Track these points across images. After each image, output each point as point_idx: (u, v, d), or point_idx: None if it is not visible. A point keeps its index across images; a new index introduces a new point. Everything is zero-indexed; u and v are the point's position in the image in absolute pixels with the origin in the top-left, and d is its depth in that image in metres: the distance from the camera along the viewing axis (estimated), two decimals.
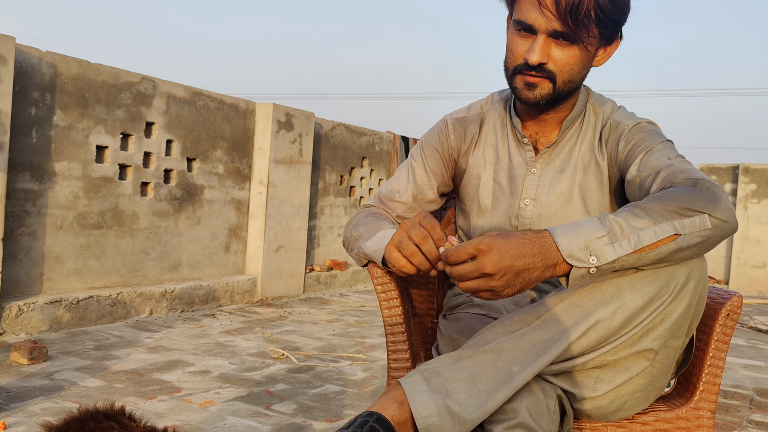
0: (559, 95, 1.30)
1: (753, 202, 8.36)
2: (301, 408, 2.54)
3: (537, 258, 0.98)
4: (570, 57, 1.26)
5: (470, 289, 0.99)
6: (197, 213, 4.59)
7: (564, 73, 1.27)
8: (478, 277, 0.98)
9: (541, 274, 0.99)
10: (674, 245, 1.00)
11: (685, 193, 1.05)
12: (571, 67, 1.27)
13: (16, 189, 3.45)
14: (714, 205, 1.03)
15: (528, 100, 1.30)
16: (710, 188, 1.07)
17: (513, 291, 1.00)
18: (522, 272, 0.98)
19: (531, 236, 1.00)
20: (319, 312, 4.78)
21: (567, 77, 1.28)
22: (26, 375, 2.70)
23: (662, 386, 1.17)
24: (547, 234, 1.00)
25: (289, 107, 5.16)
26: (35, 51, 3.51)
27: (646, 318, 1.03)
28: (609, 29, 1.26)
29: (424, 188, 1.47)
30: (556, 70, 1.27)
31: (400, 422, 0.99)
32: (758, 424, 2.75)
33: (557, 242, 0.99)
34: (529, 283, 1.00)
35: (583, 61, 1.28)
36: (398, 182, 1.49)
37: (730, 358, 4.11)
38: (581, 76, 1.31)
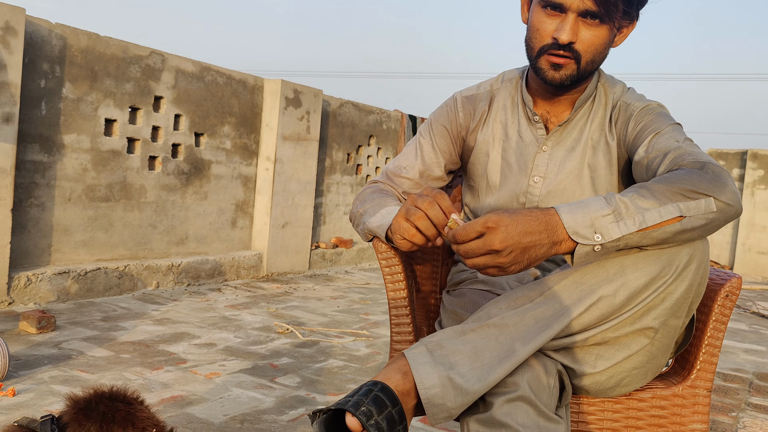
0: (582, 75, 1.31)
1: (760, 188, 8.34)
2: (304, 381, 2.58)
3: (543, 235, 1.00)
4: (596, 37, 1.27)
5: (478, 266, 1.01)
6: (204, 188, 4.61)
7: (588, 53, 1.28)
8: (485, 254, 1.00)
9: (548, 250, 1.01)
10: (678, 226, 1.01)
11: (691, 175, 1.06)
12: (596, 47, 1.28)
13: (26, 160, 3.47)
14: (720, 188, 1.05)
15: (554, 80, 1.31)
16: (717, 172, 1.08)
17: (520, 267, 1.01)
18: (529, 249, 0.99)
19: (537, 213, 1.01)
20: (323, 288, 4.82)
21: (591, 57, 1.29)
22: (35, 344, 2.75)
23: (661, 364, 1.19)
24: (553, 211, 1.02)
25: (297, 84, 5.16)
26: (45, 23, 3.52)
27: (648, 297, 1.04)
28: (633, 8, 1.27)
29: (432, 165, 1.48)
30: (582, 50, 1.27)
31: (404, 392, 1.01)
32: (756, 407, 2.78)
33: (563, 219, 1.00)
34: (536, 259, 1.01)
35: (608, 41, 1.29)
36: (406, 159, 1.50)
37: (731, 342, 4.13)
38: (603, 56, 1.32)
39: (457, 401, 1.00)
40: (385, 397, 0.99)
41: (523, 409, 0.99)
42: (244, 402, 2.29)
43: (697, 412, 1.24)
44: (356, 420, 0.96)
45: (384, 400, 0.98)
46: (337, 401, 1.00)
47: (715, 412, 2.65)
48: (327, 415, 1.00)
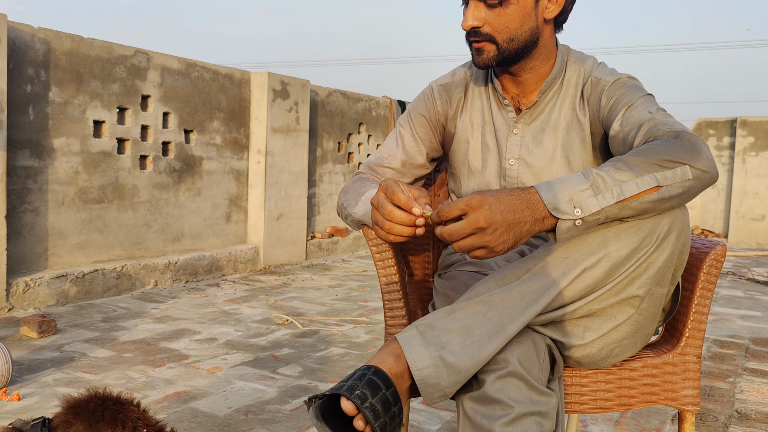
0: (508, 54, 1.33)
1: (751, 155, 8.37)
2: (306, 371, 2.61)
3: (526, 212, 1.02)
4: (501, 16, 1.28)
5: (464, 248, 1.02)
6: (197, 184, 4.62)
7: (501, 32, 1.30)
8: (471, 234, 1.01)
9: (531, 227, 1.03)
10: (656, 196, 1.04)
11: (666, 145, 1.08)
12: (506, 25, 1.29)
13: (17, 166, 3.48)
14: (695, 156, 1.07)
15: (478, 64, 1.35)
16: (691, 140, 1.10)
17: (506, 247, 1.03)
18: (513, 226, 1.01)
19: (518, 192, 1.03)
20: (321, 278, 4.84)
21: (506, 36, 1.31)
22: (37, 348, 2.77)
23: (649, 333, 1.22)
24: (533, 190, 1.04)
25: (284, 75, 5.16)
26: (27, 27, 3.51)
27: (631, 267, 1.07)
28: None
29: (413, 154, 1.50)
30: (492, 32, 1.30)
31: (397, 374, 1.04)
32: (753, 371, 2.82)
33: (542, 197, 1.02)
34: (521, 236, 1.03)
35: (521, 16, 1.30)
36: (387, 149, 1.52)
37: (727, 309, 4.17)
38: (524, 31, 1.32)
39: (450, 380, 1.03)
40: (379, 380, 1.01)
41: (514, 385, 1.02)
42: (247, 394, 2.32)
43: (688, 378, 1.26)
44: (351, 404, 0.98)
45: (378, 383, 1.00)
46: (331, 387, 1.02)
47: (712, 378, 2.69)
48: (323, 401, 1.02)
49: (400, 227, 1.12)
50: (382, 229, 1.14)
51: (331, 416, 1.02)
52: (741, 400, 2.44)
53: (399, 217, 1.12)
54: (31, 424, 1.16)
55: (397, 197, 1.12)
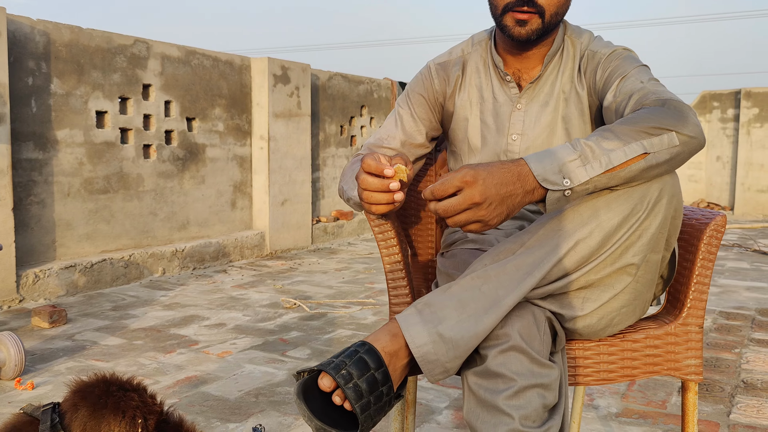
0: (547, 29, 1.33)
1: (756, 126, 8.33)
2: (315, 353, 2.64)
3: (517, 185, 1.03)
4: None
5: (460, 223, 1.03)
6: (201, 172, 4.64)
7: (552, 5, 1.31)
8: (466, 209, 1.02)
9: (522, 199, 1.04)
10: (644, 163, 1.05)
11: (653, 113, 1.09)
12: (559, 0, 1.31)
13: (21, 159, 3.50)
14: (681, 122, 1.08)
15: (520, 36, 1.33)
16: (678, 107, 1.11)
17: (500, 219, 1.04)
18: (506, 199, 1.03)
19: (509, 165, 1.04)
20: (328, 261, 4.87)
21: (554, 10, 1.31)
22: (49, 338, 2.80)
23: (648, 300, 1.23)
24: (523, 162, 1.05)
25: (284, 60, 5.15)
26: (26, 20, 3.52)
27: (624, 235, 1.08)
28: None
29: (413, 133, 1.50)
30: (545, 4, 1.30)
31: (391, 353, 1.05)
32: (759, 342, 2.84)
33: (531, 168, 1.03)
34: (513, 208, 1.04)
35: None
36: (386, 130, 1.52)
37: (733, 281, 4.18)
38: (566, 8, 1.34)
39: (450, 355, 1.04)
40: (370, 359, 1.02)
41: (516, 358, 1.03)
42: (257, 377, 2.35)
43: (690, 348, 1.28)
44: (329, 379, 1.00)
45: (367, 363, 1.01)
46: (321, 362, 1.03)
47: (718, 349, 2.71)
48: (311, 376, 1.04)
49: (377, 195, 1.13)
50: (365, 201, 1.15)
51: (316, 390, 1.03)
52: (747, 371, 2.45)
53: (372, 183, 1.12)
54: (42, 410, 1.19)
55: (367, 164, 1.12)
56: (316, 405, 1.02)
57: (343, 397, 1.00)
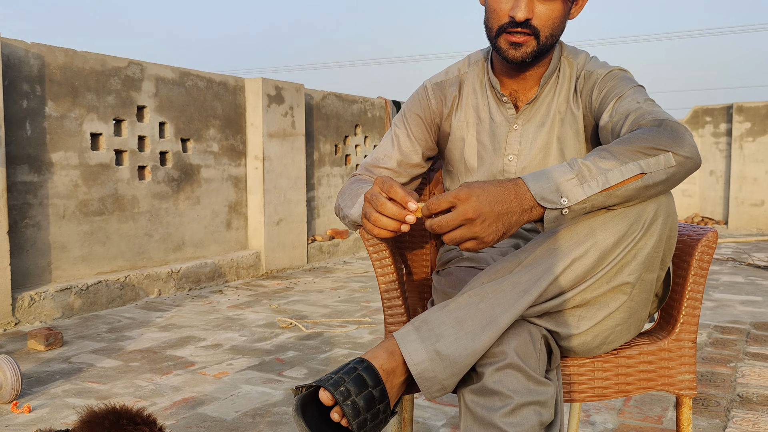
0: (542, 51, 1.34)
1: (748, 141, 8.39)
2: (311, 372, 2.63)
3: (514, 203, 1.04)
4: (552, 11, 1.29)
5: (455, 240, 1.04)
6: (196, 192, 4.65)
7: (547, 27, 1.31)
8: (460, 225, 1.02)
9: (519, 217, 1.05)
10: (641, 183, 1.06)
11: (650, 133, 1.11)
12: (553, 21, 1.30)
13: (16, 182, 3.51)
14: (678, 143, 1.09)
15: (515, 59, 1.33)
16: (674, 128, 1.13)
17: (496, 237, 1.04)
18: (502, 216, 1.03)
19: (505, 183, 1.05)
20: (323, 280, 4.87)
21: (549, 32, 1.32)
22: (45, 360, 2.79)
23: (642, 318, 1.24)
24: (520, 180, 1.06)
25: (278, 80, 5.18)
26: (21, 43, 3.54)
27: (619, 254, 1.09)
28: None
29: (409, 153, 1.51)
30: (539, 26, 1.30)
31: (389, 370, 1.06)
32: (754, 356, 2.84)
33: (529, 187, 1.04)
34: (510, 226, 1.05)
35: (564, 14, 1.32)
36: (383, 150, 1.53)
37: (728, 295, 4.19)
38: (561, 30, 1.35)
39: (447, 372, 1.05)
40: (368, 377, 1.03)
41: (512, 376, 1.04)
42: (254, 397, 2.34)
43: (684, 363, 1.29)
44: (328, 394, 1.00)
45: (365, 380, 1.02)
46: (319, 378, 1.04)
47: (713, 364, 2.72)
48: (309, 391, 1.04)
49: (387, 221, 1.11)
50: (369, 222, 1.13)
51: (314, 406, 1.04)
52: (743, 384, 2.46)
53: (391, 209, 1.10)
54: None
55: (395, 190, 1.10)
56: (313, 421, 1.03)
57: (341, 414, 1.01)
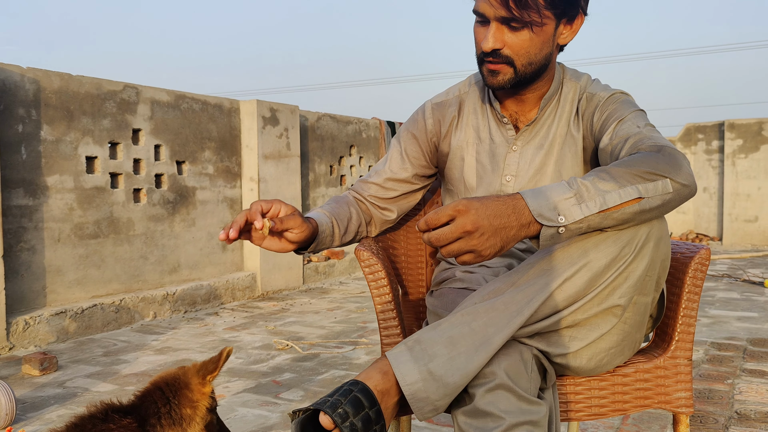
0: (523, 78, 1.35)
1: (741, 158, 8.44)
2: (308, 394, 2.62)
3: (512, 217, 1.04)
4: (524, 41, 1.30)
5: (452, 252, 1.04)
6: (191, 214, 4.65)
7: (521, 56, 1.32)
8: (458, 238, 1.03)
9: (517, 233, 1.05)
10: (637, 207, 1.07)
11: (648, 158, 1.12)
12: (527, 50, 1.31)
13: (11, 206, 3.50)
14: (675, 170, 1.10)
15: (493, 85, 1.36)
16: (673, 154, 1.14)
17: (494, 251, 1.04)
18: (499, 230, 1.03)
19: (505, 198, 1.06)
20: (319, 301, 4.86)
21: (525, 60, 1.33)
22: (39, 385, 2.78)
23: (637, 341, 1.24)
24: (519, 196, 1.06)
25: (272, 102, 5.21)
26: (17, 68, 3.55)
27: (611, 276, 1.09)
28: (562, 8, 1.30)
29: (397, 170, 1.55)
30: (512, 55, 1.31)
31: (383, 391, 1.06)
32: (751, 372, 2.84)
33: (528, 203, 1.05)
34: (507, 241, 1.05)
35: (541, 41, 1.32)
36: (377, 166, 1.59)
37: (724, 312, 4.20)
38: (542, 56, 1.35)
39: (440, 392, 1.05)
40: (364, 398, 1.03)
41: (503, 397, 1.04)
42: (250, 420, 2.33)
43: (680, 381, 1.29)
44: (328, 418, 1.01)
45: (362, 401, 1.03)
46: (316, 401, 1.04)
47: (711, 380, 2.71)
48: (306, 415, 1.04)
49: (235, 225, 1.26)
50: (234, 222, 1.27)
51: (312, 429, 1.04)
52: (740, 401, 2.46)
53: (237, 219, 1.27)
54: None
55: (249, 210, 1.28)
56: None
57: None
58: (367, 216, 1.56)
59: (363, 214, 1.54)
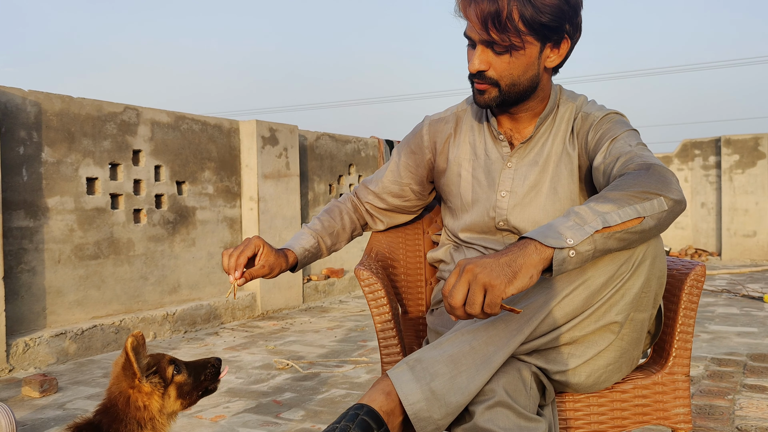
0: (508, 98, 1.40)
1: (737, 173, 8.48)
2: (309, 414, 2.62)
3: (518, 253, 1.04)
4: (507, 63, 1.35)
5: (473, 301, 1.02)
6: (191, 234, 4.66)
7: (504, 78, 1.37)
8: (470, 283, 1.02)
9: (526, 261, 1.03)
10: (639, 227, 1.08)
11: (639, 178, 1.14)
12: (510, 72, 1.36)
13: (12, 227, 3.52)
14: (667, 187, 1.13)
15: (479, 104, 1.42)
16: (662, 172, 1.16)
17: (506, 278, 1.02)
18: (507, 263, 1.03)
19: (510, 246, 1.06)
20: (319, 320, 4.86)
21: (509, 81, 1.37)
22: (39, 407, 2.77)
23: (635, 358, 1.26)
24: (525, 239, 1.07)
25: (272, 122, 5.24)
26: (18, 91, 3.59)
27: (607, 293, 1.11)
28: (545, 32, 1.33)
29: (388, 184, 1.64)
30: (496, 76, 1.37)
31: (388, 411, 1.07)
32: (752, 388, 2.84)
33: (531, 236, 1.05)
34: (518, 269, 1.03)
35: (525, 64, 1.36)
36: (380, 172, 1.67)
37: (724, 327, 4.20)
38: (526, 78, 1.38)
39: (442, 412, 1.06)
40: (371, 420, 1.04)
41: (503, 414, 1.05)
42: None
43: (678, 397, 1.30)
44: None
45: (370, 424, 1.04)
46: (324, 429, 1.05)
47: (711, 396, 2.72)
48: None
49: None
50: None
51: None
52: (741, 417, 2.46)
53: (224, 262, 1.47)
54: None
55: (229, 256, 1.46)
56: None
57: None
58: (362, 220, 1.70)
59: (359, 219, 1.69)
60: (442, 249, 1.60)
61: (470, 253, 1.50)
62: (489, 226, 1.47)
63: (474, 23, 1.32)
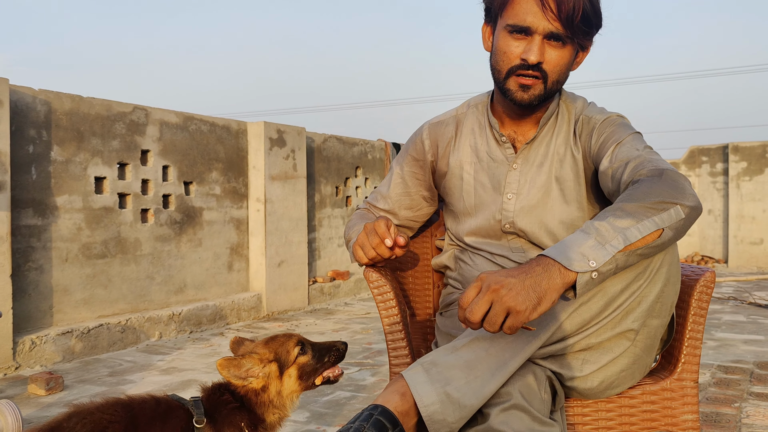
0: (548, 95, 1.38)
1: (745, 180, 8.45)
2: (314, 415, 2.62)
3: (543, 275, 1.03)
4: (561, 57, 1.34)
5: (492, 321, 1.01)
6: (198, 235, 4.67)
7: (554, 73, 1.36)
8: (491, 303, 1.01)
9: (549, 285, 1.02)
10: (659, 240, 1.07)
11: (654, 186, 1.12)
12: (561, 68, 1.36)
13: (20, 226, 3.53)
14: (682, 194, 1.11)
15: (522, 101, 1.37)
16: (675, 178, 1.15)
17: (530, 304, 1.01)
18: (531, 286, 1.02)
19: (529, 261, 1.05)
20: (325, 322, 4.86)
21: (556, 77, 1.37)
22: (45, 405, 2.78)
23: (647, 364, 1.25)
24: (542, 256, 1.05)
25: (279, 124, 5.25)
26: (29, 90, 3.60)
27: (625, 301, 1.11)
28: (591, 35, 1.36)
29: (399, 194, 1.62)
30: (549, 70, 1.35)
31: (403, 412, 1.07)
32: (758, 396, 2.83)
33: (555, 258, 1.04)
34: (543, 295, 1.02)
35: (570, 62, 1.38)
36: (383, 187, 1.64)
37: (731, 335, 4.19)
38: (566, 76, 1.40)
39: (456, 415, 1.06)
40: (386, 420, 1.04)
41: (517, 417, 1.05)
42: None
43: (686, 403, 1.30)
44: None
45: (384, 423, 1.04)
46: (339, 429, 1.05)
47: (717, 404, 2.71)
48: None
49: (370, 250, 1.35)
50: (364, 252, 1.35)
51: None
52: (747, 425, 2.45)
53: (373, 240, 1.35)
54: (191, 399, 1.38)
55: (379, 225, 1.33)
56: None
57: None
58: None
59: None
60: (446, 254, 1.59)
61: (476, 258, 1.49)
62: (495, 230, 1.46)
63: (552, 13, 1.29)
